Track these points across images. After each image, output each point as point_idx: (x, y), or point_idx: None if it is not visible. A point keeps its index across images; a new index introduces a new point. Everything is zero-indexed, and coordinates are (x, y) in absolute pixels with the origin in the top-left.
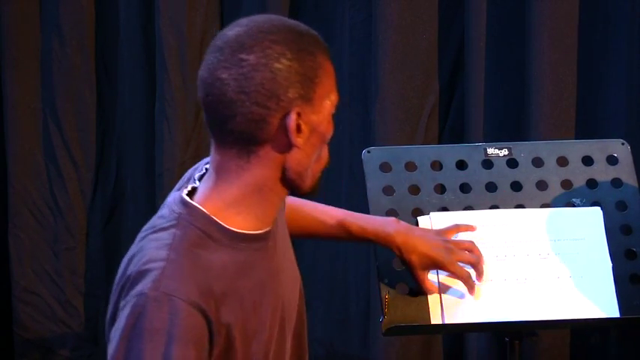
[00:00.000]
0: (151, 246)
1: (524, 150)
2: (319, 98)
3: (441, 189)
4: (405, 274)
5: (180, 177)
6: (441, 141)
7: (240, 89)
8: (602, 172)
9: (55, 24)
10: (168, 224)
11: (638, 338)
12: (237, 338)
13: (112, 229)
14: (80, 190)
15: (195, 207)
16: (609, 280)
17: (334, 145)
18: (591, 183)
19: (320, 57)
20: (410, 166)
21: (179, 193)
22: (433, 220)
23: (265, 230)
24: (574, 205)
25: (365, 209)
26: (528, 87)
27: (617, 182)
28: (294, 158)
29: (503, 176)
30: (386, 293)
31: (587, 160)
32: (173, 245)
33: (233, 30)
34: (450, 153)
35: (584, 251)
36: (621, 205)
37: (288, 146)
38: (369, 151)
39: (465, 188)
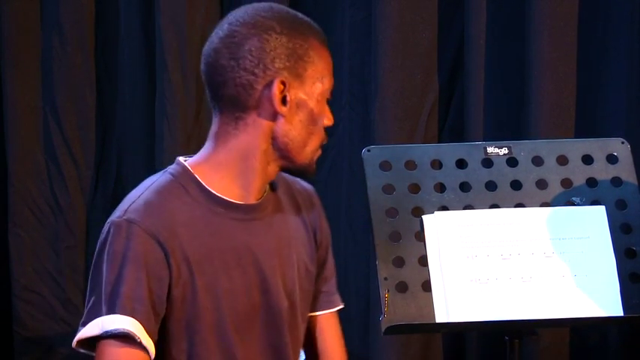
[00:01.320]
0: (133, 190)
1: (524, 149)
2: (310, 78)
3: (440, 188)
4: (406, 273)
5: None
6: (440, 140)
7: (231, 56)
8: (602, 171)
9: (55, 23)
10: (155, 176)
11: (638, 337)
12: (202, 292)
13: None
14: (80, 188)
15: (182, 164)
16: (614, 279)
17: (334, 143)
18: (591, 182)
19: (313, 40)
20: (410, 165)
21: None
22: (438, 219)
23: (249, 203)
24: (574, 204)
25: (365, 207)
26: (528, 86)
27: (617, 181)
28: (281, 129)
29: (503, 175)
30: (386, 292)
31: (587, 159)
32: (150, 187)
33: (234, 12)
34: (449, 152)
35: (588, 250)
36: (621, 204)
37: (273, 115)
38: (369, 150)
39: (464, 187)
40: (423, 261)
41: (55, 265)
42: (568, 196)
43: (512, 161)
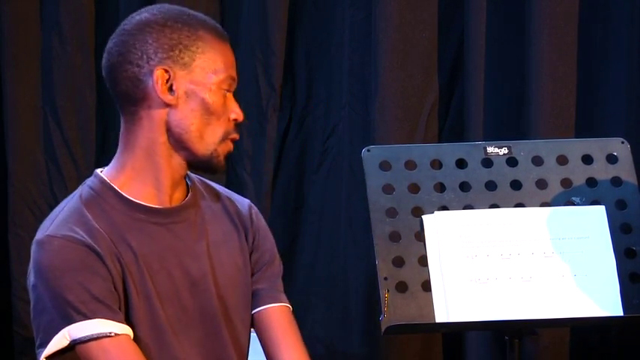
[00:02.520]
0: (54, 209)
1: (524, 149)
2: (199, 68)
3: (440, 188)
4: (406, 273)
5: None
6: (440, 140)
7: (119, 53)
8: (601, 171)
9: (55, 22)
10: (74, 192)
11: (638, 337)
12: (134, 294)
13: None
14: None
15: (99, 175)
16: (614, 279)
17: (334, 143)
18: (591, 182)
19: (203, 33)
20: (410, 165)
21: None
22: (437, 219)
23: (167, 206)
24: (574, 204)
25: (365, 207)
26: (528, 86)
27: (616, 181)
28: (173, 119)
29: (503, 175)
30: (386, 292)
31: (587, 159)
32: (68, 204)
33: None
34: (449, 152)
35: (588, 250)
36: (621, 204)
37: (163, 105)
38: (368, 150)
39: (464, 187)
40: (423, 261)
41: None
42: (568, 196)
43: (512, 161)
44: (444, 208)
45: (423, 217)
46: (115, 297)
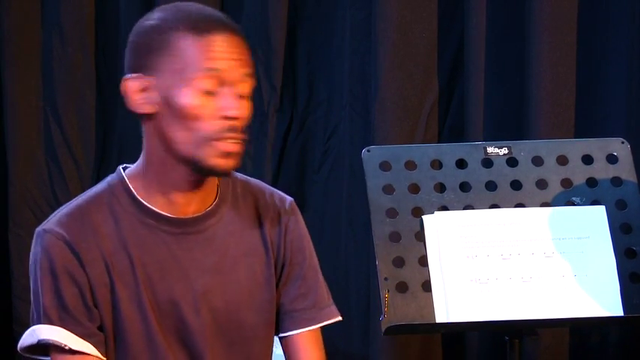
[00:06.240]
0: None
1: (524, 149)
2: (169, 72)
3: (440, 188)
4: (406, 273)
5: None
6: (440, 140)
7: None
8: (601, 171)
9: (55, 22)
10: (97, 184)
11: (638, 337)
12: (126, 302)
13: None
14: (81, 188)
15: (120, 173)
16: (614, 279)
17: (334, 144)
18: (591, 182)
19: (176, 32)
20: (410, 165)
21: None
22: (438, 219)
23: (180, 217)
24: (574, 204)
25: (365, 208)
26: (528, 86)
27: (616, 181)
28: (160, 126)
29: (503, 175)
30: (386, 292)
31: (587, 159)
32: (84, 196)
33: None
34: (449, 152)
35: (588, 250)
36: (621, 204)
37: (145, 116)
38: (368, 150)
39: (464, 187)
40: (423, 261)
41: None
42: (568, 196)
43: (512, 161)
44: (444, 208)
45: (423, 217)
46: (87, 310)
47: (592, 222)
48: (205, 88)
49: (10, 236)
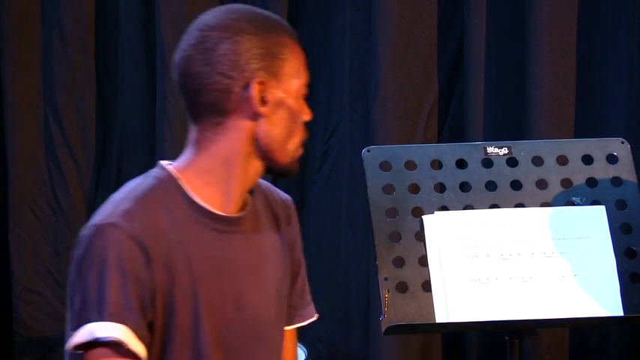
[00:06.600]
0: (115, 193)
1: (524, 149)
2: (286, 75)
3: (440, 188)
4: (406, 273)
5: None
6: (440, 140)
7: (205, 62)
8: (601, 171)
9: (56, 23)
10: (138, 179)
11: (638, 337)
12: (180, 300)
13: None
14: (81, 188)
15: (166, 169)
16: (614, 279)
17: (334, 144)
18: (591, 182)
19: (285, 37)
20: (410, 165)
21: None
22: (438, 220)
23: (230, 215)
24: (574, 204)
25: (365, 208)
26: (528, 86)
27: (616, 181)
28: (262, 130)
29: (503, 175)
30: (386, 292)
31: (587, 159)
32: (133, 191)
33: (202, 16)
34: (449, 152)
35: (588, 250)
36: (621, 204)
37: (254, 116)
38: (369, 150)
39: (464, 187)
40: (423, 261)
41: (56, 266)
42: (568, 196)
43: (512, 161)
44: (444, 208)
45: (423, 217)
46: (144, 310)
47: (592, 222)
48: (304, 93)
49: (10, 236)
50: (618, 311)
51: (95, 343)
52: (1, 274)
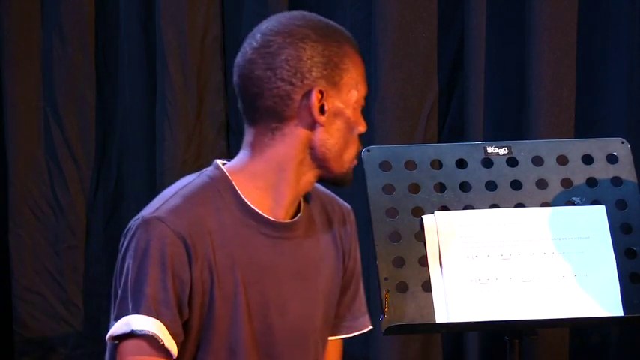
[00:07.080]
0: (167, 188)
1: (524, 149)
2: (346, 85)
3: (440, 188)
4: (406, 273)
5: (180, 176)
6: (440, 140)
7: (267, 66)
8: (601, 171)
9: (56, 22)
10: (191, 176)
11: (638, 337)
12: (220, 301)
13: (113, 228)
14: (81, 188)
15: (220, 168)
16: (614, 279)
17: None
18: (591, 182)
19: (347, 47)
20: (410, 165)
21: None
22: (437, 219)
23: (280, 221)
24: (574, 204)
25: (365, 208)
26: (528, 86)
27: (616, 181)
28: (319, 138)
29: (503, 175)
30: (386, 292)
31: (587, 159)
32: (185, 188)
33: (266, 21)
34: (449, 152)
35: (588, 250)
36: (621, 204)
37: (311, 125)
38: (368, 150)
39: (464, 187)
40: (423, 261)
41: (56, 266)
42: (568, 196)
43: (512, 161)
44: (444, 208)
45: (423, 217)
46: (181, 307)
47: (592, 222)
48: (363, 105)
49: (10, 236)
50: (618, 311)
51: (130, 335)
52: (1, 274)
